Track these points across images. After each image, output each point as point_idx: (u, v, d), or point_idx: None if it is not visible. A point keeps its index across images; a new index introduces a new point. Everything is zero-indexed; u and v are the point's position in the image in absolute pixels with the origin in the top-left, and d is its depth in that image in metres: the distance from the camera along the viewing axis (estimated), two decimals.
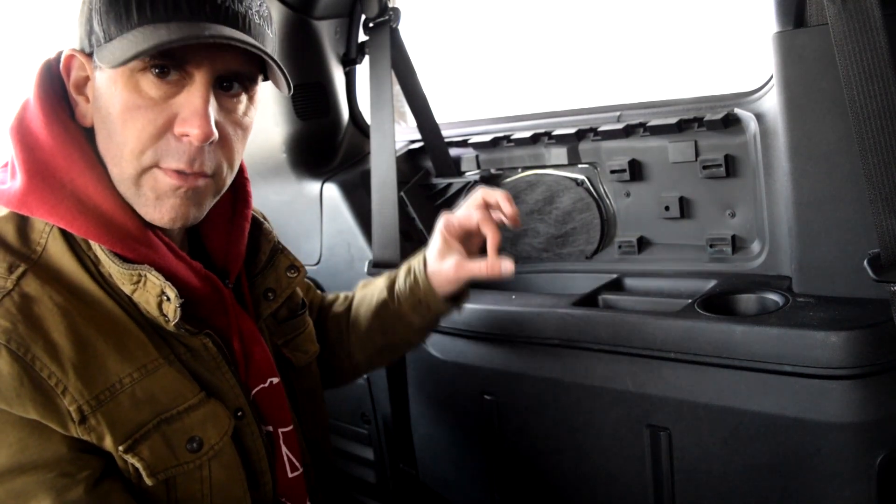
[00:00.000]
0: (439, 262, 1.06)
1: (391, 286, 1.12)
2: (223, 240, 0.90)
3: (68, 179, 0.74)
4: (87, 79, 0.77)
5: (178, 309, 0.74)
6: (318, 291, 1.23)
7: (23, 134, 0.76)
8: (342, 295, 1.22)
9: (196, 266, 0.80)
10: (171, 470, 0.74)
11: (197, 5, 0.72)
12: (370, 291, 1.15)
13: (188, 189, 0.76)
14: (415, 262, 1.10)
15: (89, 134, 0.78)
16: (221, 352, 0.81)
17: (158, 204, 0.76)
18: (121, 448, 0.71)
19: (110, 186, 0.76)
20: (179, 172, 0.75)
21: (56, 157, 0.74)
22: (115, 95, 0.74)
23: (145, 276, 0.74)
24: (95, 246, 0.75)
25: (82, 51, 0.76)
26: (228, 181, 0.82)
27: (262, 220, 0.98)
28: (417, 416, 1.49)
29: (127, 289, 0.75)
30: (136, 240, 0.75)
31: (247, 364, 0.86)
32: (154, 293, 0.74)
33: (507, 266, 1.00)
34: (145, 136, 0.74)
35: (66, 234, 0.76)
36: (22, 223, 0.76)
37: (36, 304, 0.70)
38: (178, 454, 0.75)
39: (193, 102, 0.73)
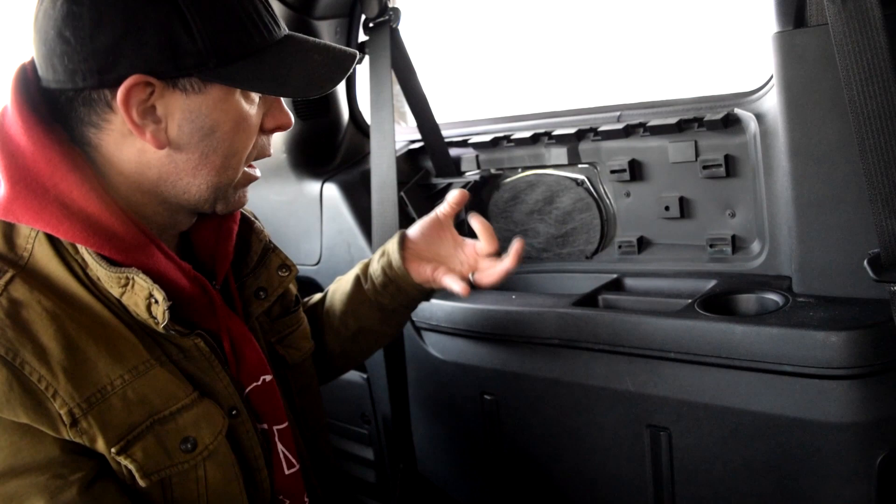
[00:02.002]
0: (424, 243, 1.07)
1: (365, 268, 1.12)
2: (212, 240, 0.89)
3: (52, 184, 0.73)
4: (153, 103, 0.73)
5: (167, 311, 0.73)
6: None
7: (3, 141, 0.74)
8: (319, 294, 1.21)
9: (185, 267, 0.80)
10: (164, 471, 0.74)
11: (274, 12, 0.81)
12: (344, 279, 1.15)
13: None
14: (390, 242, 1.09)
15: (74, 136, 0.76)
16: (214, 351, 0.81)
17: (241, 193, 0.85)
18: (113, 450, 0.71)
19: (98, 188, 0.75)
20: (251, 164, 0.85)
21: (38, 163, 0.73)
22: (226, 112, 0.76)
23: (133, 279, 0.74)
24: (82, 249, 0.74)
25: (154, 74, 0.71)
26: None
27: (253, 218, 0.98)
28: (417, 416, 1.49)
29: (115, 292, 0.74)
30: (124, 242, 0.75)
31: (238, 363, 0.85)
32: (142, 296, 0.74)
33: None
34: (251, 141, 0.81)
35: (52, 239, 0.75)
36: (7, 229, 0.75)
37: (24, 309, 0.70)
38: (171, 455, 0.74)
39: (277, 98, 0.83)
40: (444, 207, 1.08)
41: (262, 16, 0.77)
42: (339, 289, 1.14)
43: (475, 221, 1.04)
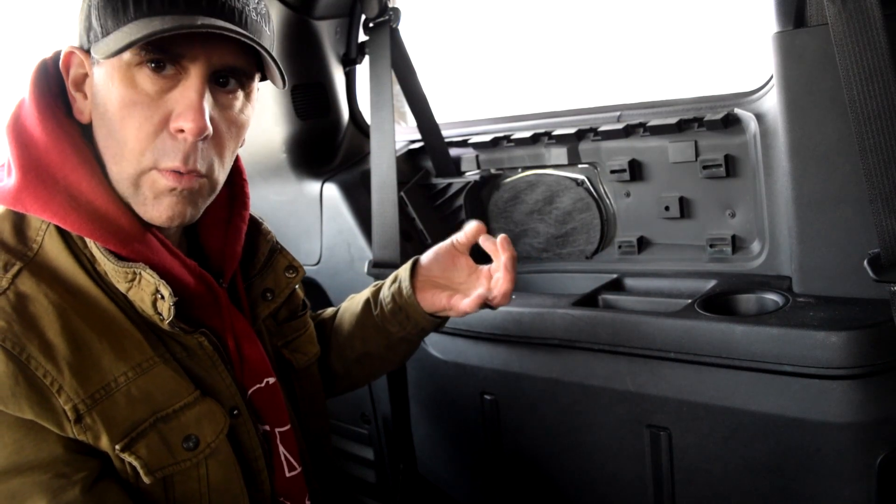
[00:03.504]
0: (438, 269, 1.03)
1: (376, 291, 1.09)
2: (220, 240, 0.90)
3: (62, 176, 0.74)
4: (85, 76, 0.78)
5: (173, 307, 0.74)
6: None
7: (18, 132, 0.76)
8: (332, 308, 1.20)
9: (191, 264, 0.80)
10: (168, 468, 0.74)
11: (193, 0, 0.72)
12: (356, 299, 1.13)
13: (184, 189, 0.76)
14: (402, 269, 1.06)
15: (87, 131, 0.79)
16: (217, 350, 0.81)
17: (156, 203, 0.76)
18: (118, 447, 0.71)
19: (105, 183, 0.76)
20: (175, 172, 0.75)
21: (50, 154, 0.75)
22: (111, 90, 0.74)
23: (140, 273, 0.74)
24: (91, 244, 0.75)
25: (81, 47, 0.77)
26: (222, 179, 0.82)
27: (260, 220, 0.98)
28: (417, 416, 1.49)
29: (122, 286, 0.75)
30: (131, 237, 0.75)
31: (241, 363, 0.86)
32: (149, 291, 0.74)
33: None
34: (143, 134, 0.74)
35: (62, 232, 0.76)
36: (19, 221, 0.76)
37: (31, 303, 0.70)
38: (174, 452, 0.75)
39: (188, 96, 0.73)
40: (460, 236, 1.02)
41: None
42: (349, 309, 1.12)
43: (487, 244, 0.99)
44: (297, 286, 1.02)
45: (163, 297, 0.74)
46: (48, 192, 0.74)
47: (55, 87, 0.79)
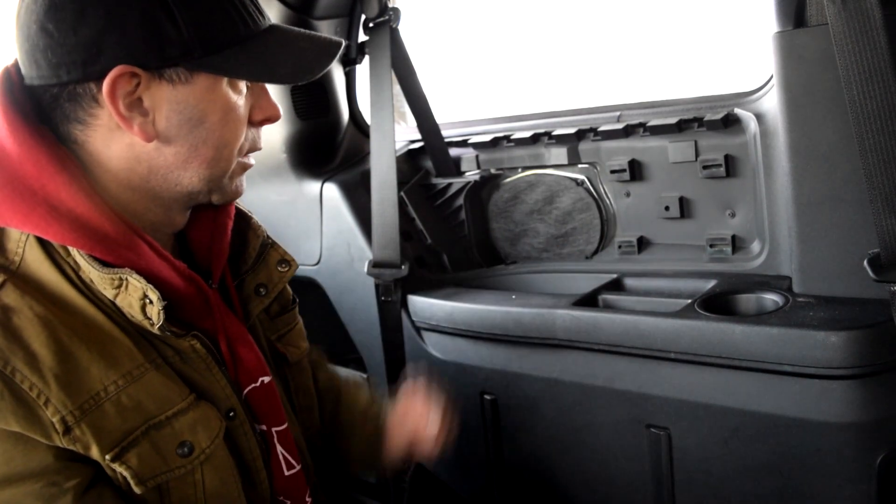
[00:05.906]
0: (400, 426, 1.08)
1: (372, 412, 1.10)
2: (206, 238, 0.88)
3: (39, 186, 0.72)
4: (139, 95, 0.72)
5: (162, 312, 0.72)
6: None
7: None
8: (328, 371, 1.17)
9: (180, 266, 0.78)
10: (160, 476, 0.73)
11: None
12: (356, 404, 1.12)
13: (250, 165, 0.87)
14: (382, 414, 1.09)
15: (63, 132, 0.75)
16: (210, 353, 0.80)
17: (231, 182, 0.83)
18: (107, 457, 0.70)
19: (87, 188, 0.73)
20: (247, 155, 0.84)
21: (25, 165, 0.72)
22: (213, 102, 0.75)
23: (126, 279, 0.73)
24: (74, 252, 0.73)
25: (139, 65, 0.70)
26: None
27: (249, 214, 0.97)
28: None
29: (109, 293, 0.73)
30: (116, 242, 0.73)
31: (235, 364, 0.85)
32: (136, 296, 0.73)
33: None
34: (240, 132, 0.79)
35: (42, 242, 0.74)
36: None
37: (16, 315, 0.69)
38: (168, 460, 0.74)
39: (264, 88, 0.82)
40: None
41: (246, 5, 0.76)
42: (349, 410, 1.12)
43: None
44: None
45: (151, 302, 0.73)
46: (27, 204, 0.71)
47: (21, 94, 0.74)
